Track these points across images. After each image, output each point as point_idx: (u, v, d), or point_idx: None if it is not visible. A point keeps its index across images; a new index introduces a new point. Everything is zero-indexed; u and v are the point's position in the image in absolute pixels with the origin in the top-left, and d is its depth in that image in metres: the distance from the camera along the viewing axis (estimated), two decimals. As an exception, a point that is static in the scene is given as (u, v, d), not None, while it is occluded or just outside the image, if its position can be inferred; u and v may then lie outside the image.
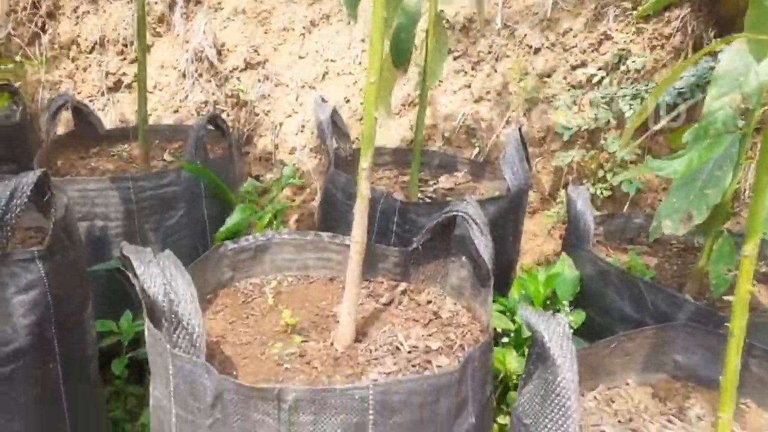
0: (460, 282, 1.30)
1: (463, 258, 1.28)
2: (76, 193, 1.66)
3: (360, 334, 1.17)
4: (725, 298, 1.38)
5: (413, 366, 1.05)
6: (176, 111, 2.97)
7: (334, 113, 1.83)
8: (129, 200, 1.69)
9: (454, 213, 1.22)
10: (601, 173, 2.35)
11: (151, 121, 2.34)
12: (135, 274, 0.88)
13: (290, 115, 2.87)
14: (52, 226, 1.19)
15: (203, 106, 2.84)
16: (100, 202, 1.68)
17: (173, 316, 0.86)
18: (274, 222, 1.83)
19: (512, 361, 1.42)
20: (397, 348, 1.11)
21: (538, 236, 2.53)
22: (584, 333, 1.51)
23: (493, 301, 1.65)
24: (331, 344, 1.14)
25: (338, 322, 1.16)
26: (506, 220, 1.68)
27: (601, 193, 2.33)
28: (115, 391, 1.79)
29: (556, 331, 0.90)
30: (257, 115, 2.88)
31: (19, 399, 1.15)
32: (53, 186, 1.22)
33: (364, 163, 1.04)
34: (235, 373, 1.03)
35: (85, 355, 1.37)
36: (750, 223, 0.89)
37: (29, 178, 1.09)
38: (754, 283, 1.42)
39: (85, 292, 1.38)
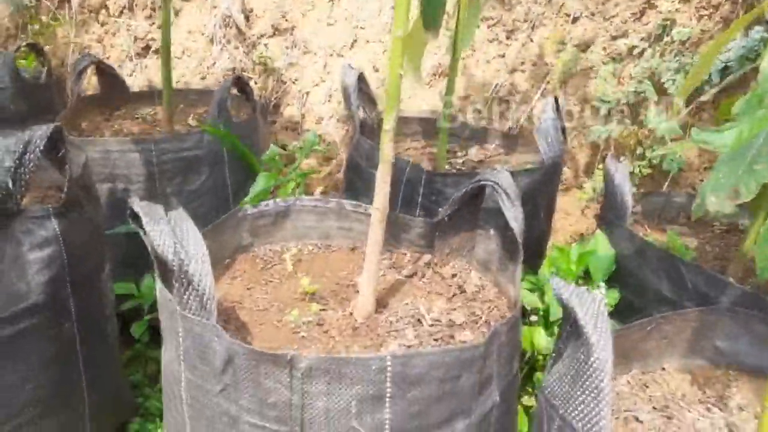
0: (487, 255, 1.24)
1: (492, 230, 1.22)
2: (97, 155, 1.64)
3: (380, 305, 1.12)
4: (773, 282, 1.30)
5: (435, 339, 1.00)
6: (203, 77, 2.93)
7: (361, 78, 1.76)
8: (150, 163, 1.66)
9: (484, 182, 1.15)
10: (640, 150, 2.24)
11: (178, 87, 2.31)
12: (144, 231, 0.84)
13: (318, 84, 2.81)
14: (67, 183, 1.15)
15: (230, 72, 2.79)
16: (121, 163, 1.65)
17: (183, 276, 0.81)
18: (297, 189, 1.78)
19: (540, 340, 1.36)
20: (419, 320, 1.06)
21: (570, 215, 2.44)
22: (618, 314, 1.43)
23: (522, 279, 1.59)
24: (350, 314, 1.09)
25: (358, 292, 1.11)
26: (539, 194, 1.61)
27: (640, 171, 2.23)
28: (135, 355, 1.78)
29: (591, 308, 0.83)
30: (284, 83, 2.83)
31: (32, 358, 1.13)
32: (69, 142, 1.19)
33: (388, 124, 0.97)
34: (249, 338, 0.99)
35: (102, 316, 1.35)
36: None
37: (42, 131, 1.05)
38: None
39: (103, 253, 1.36)
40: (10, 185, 1.03)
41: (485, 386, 0.88)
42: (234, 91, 1.89)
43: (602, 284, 1.38)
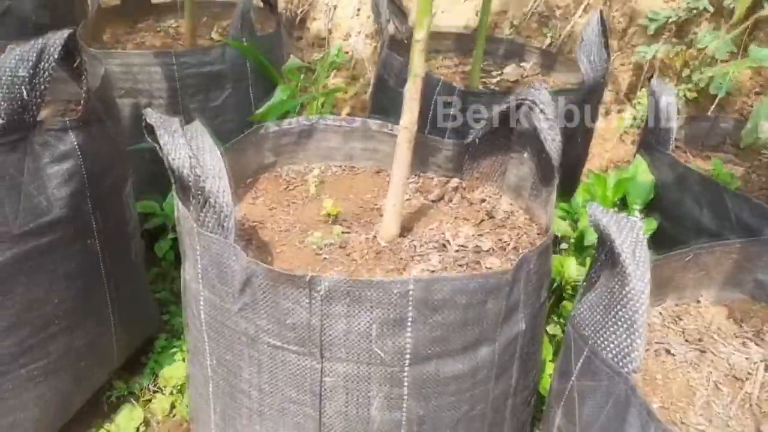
0: (518, 180, 1.18)
1: (525, 154, 1.15)
2: (118, 68, 1.59)
3: (405, 230, 1.08)
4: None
5: (460, 265, 0.96)
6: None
7: (392, -8, 1.65)
8: (172, 77, 1.61)
9: (521, 101, 1.07)
10: (686, 72, 2.11)
11: (200, -3, 2.21)
12: (159, 144, 0.80)
13: (346, -3, 2.68)
14: (84, 94, 1.11)
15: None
16: (142, 78, 1.60)
17: (199, 192, 0.78)
18: (323, 108, 1.72)
19: (571, 270, 1.31)
20: (444, 246, 1.02)
21: (607, 140, 2.34)
22: (654, 244, 1.37)
23: (555, 206, 1.53)
24: (374, 237, 1.05)
25: (382, 216, 1.07)
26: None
27: (685, 95, 2.10)
28: (161, 273, 1.80)
29: (629, 236, 0.78)
30: (312, -3, 2.71)
31: (56, 272, 1.14)
32: (87, 53, 1.14)
33: (419, 34, 0.90)
34: (269, 259, 0.96)
35: (125, 233, 1.34)
36: None
37: (57, 38, 1.00)
38: None
39: (124, 169, 1.34)
40: (26, 95, 0.99)
41: (511, 314, 0.85)
42: (258, 2, 1.80)
43: (638, 213, 1.32)
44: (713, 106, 2.07)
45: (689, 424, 0.87)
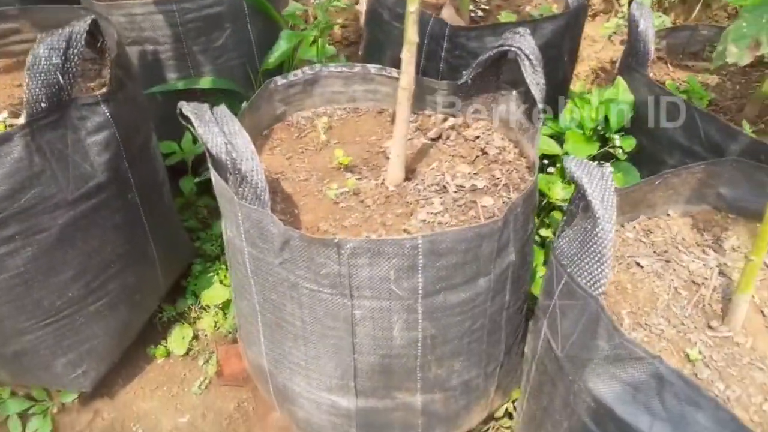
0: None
1: (514, 92, 1.27)
2: (123, 18, 1.65)
3: (409, 171, 1.23)
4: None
5: (459, 206, 1.12)
6: None
7: None
8: (175, 24, 1.67)
9: (506, 47, 1.18)
10: (673, -29, 2.14)
11: None
12: (196, 132, 0.93)
13: None
14: (109, 69, 1.22)
15: None
16: (147, 26, 1.67)
17: (237, 172, 0.92)
18: (319, 41, 1.79)
19: (558, 191, 1.47)
20: (444, 188, 1.17)
21: (597, 42, 2.40)
22: (634, 159, 1.53)
23: (544, 124, 1.66)
24: (383, 183, 1.21)
25: (389, 158, 1.21)
26: (563, 40, 1.61)
27: (671, -5, 2.15)
28: (186, 203, 1.96)
29: (600, 184, 0.93)
30: None
31: (107, 225, 1.30)
32: (104, 27, 1.23)
33: (412, 6, 0.99)
34: (296, 211, 1.12)
35: (157, 181, 1.49)
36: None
37: (81, 26, 1.09)
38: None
39: (148, 124, 1.46)
40: (60, 80, 1.10)
41: (503, 250, 1.02)
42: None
43: (616, 136, 1.45)
44: (698, 5, 2.12)
45: (651, 325, 1.07)
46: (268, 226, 0.95)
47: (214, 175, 1.01)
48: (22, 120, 1.26)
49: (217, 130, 0.92)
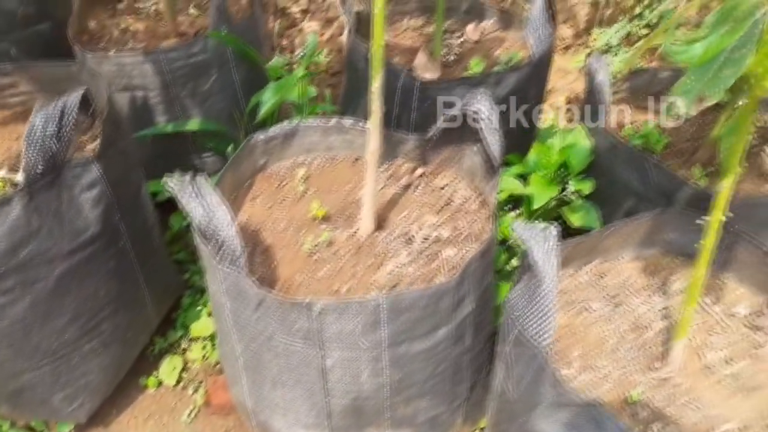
0: (473, 166, 1.41)
1: (475, 147, 1.37)
2: (114, 68, 1.75)
3: (381, 220, 1.33)
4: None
5: (423, 257, 1.23)
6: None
7: (356, -30, 1.77)
8: (163, 72, 1.77)
9: (465, 110, 1.28)
10: (638, 9, 2.24)
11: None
12: (181, 205, 1.03)
13: (315, -61, 2.71)
14: (101, 131, 1.32)
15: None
16: (136, 74, 1.77)
17: (216, 241, 1.02)
18: (301, 85, 1.89)
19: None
20: (411, 238, 1.28)
21: (570, 73, 2.51)
22: (592, 198, 1.63)
23: (511, 164, 1.76)
24: (355, 233, 1.31)
25: (362, 208, 1.30)
26: (529, 85, 1.71)
27: (638, 30, 2.25)
28: (175, 236, 2.05)
29: (544, 247, 1.03)
30: (280, -59, 2.74)
31: (100, 272, 1.40)
32: (95, 83, 1.32)
33: (375, 83, 1.09)
34: (274, 264, 1.22)
35: (147, 226, 1.59)
36: (728, 157, 0.96)
37: (74, 97, 1.19)
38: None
39: (138, 173, 1.56)
40: (55, 147, 1.20)
41: (460, 302, 1.12)
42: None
43: (572, 182, 1.56)
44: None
45: (598, 367, 1.17)
46: (245, 287, 1.04)
47: (197, 240, 1.11)
48: (19, 177, 1.36)
49: (198, 203, 1.02)
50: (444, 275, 1.16)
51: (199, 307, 1.83)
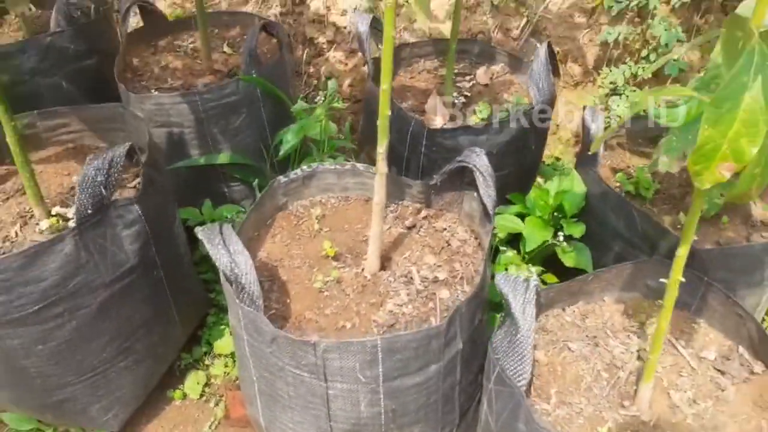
0: (471, 211, 1.55)
1: (475, 193, 1.51)
2: (154, 107, 1.93)
3: (385, 259, 1.48)
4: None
5: (421, 298, 1.37)
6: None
7: (375, 21, 1.93)
8: (198, 110, 1.95)
9: (464, 164, 1.43)
10: (645, 52, 2.35)
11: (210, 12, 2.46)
12: (208, 251, 1.20)
13: (341, -24, 2.87)
14: (141, 176, 1.50)
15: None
16: (173, 112, 1.95)
17: (238, 284, 1.19)
18: (322, 123, 2.05)
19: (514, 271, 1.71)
20: (411, 279, 1.43)
21: (578, 109, 2.62)
22: (586, 240, 1.76)
23: (512, 203, 1.90)
24: (362, 271, 1.46)
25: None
26: (530, 133, 1.84)
27: (643, 73, 2.36)
28: (204, 257, 2.23)
29: (522, 297, 1.17)
30: (309, -23, 2.91)
31: (136, 299, 1.58)
32: (137, 125, 1.50)
33: (380, 149, 1.25)
34: (288, 300, 1.38)
35: (179, 254, 1.76)
36: (684, 231, 1.08)
37: (120, 150, 1.37)
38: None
39: (174, 208, 1.74)
40: (103, 192, 1.38)
41: (450, 343, 1.27)
42: (263, 35, 2.09)
43: (564, 227, 1.69)
44: (668, 83, 2.33)
45: (573, 404, 1.30)
46: (261, 325, 1.21)
47: (222, 279, 1.27)
48: (70, 214, 1.55)
49: (223, 251, 1.19)
50: (437, 317, 1.31)
51: (222, 326, 2.01)
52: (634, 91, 2.37)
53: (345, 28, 2.91)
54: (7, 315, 1.37)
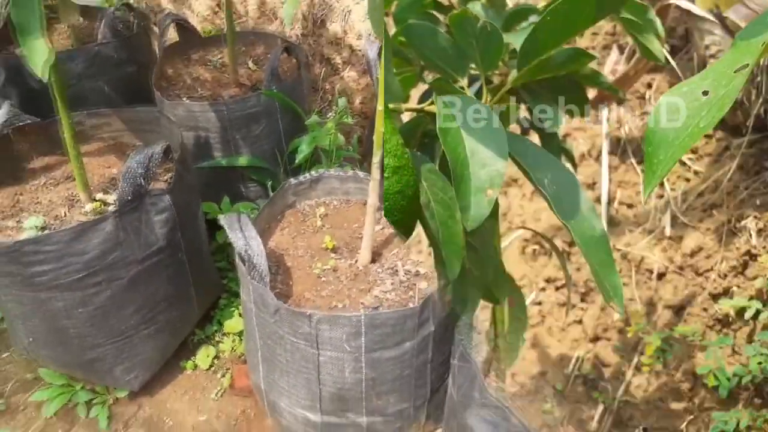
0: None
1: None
2: (185, 113, 2.21)
3: (376, 254, 1.73)
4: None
5: (403, 287, 1.62)
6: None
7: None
8: (223, 118, 2.22)
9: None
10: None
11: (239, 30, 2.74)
12: (228, 235, 1.46)
13: (358, 2, 3.16)
14: (174, 171, 1.77)
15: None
16: (202, 119, 2.23)
17: (250, 263, 1.44)
18: (332, 135, 2.32)
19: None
20: (396, 271, 1.68)
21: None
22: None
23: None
24: (355, 262, 1.71)
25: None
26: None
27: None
28: (220, 246, 2.49)
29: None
30: (329, 2, 3.19)
31: (161, 276, 1.84)
32: (171, 128, 1.77)
33: (375, 158, 1.50)
34: (291, 282, 1.64)
35: (200, 240, 2.03)
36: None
37: (159, 148, 1.64)
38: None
39: (198, 200, 2.00)
40: (142, 183, 1.64)
41: (423, 324, 1.51)
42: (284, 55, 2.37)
43: None
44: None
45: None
46: (267, 298, 1.46)
47: (237, 259, 1.53)
48: (111, 199, 1.81)
49: (240, 235, 1.44)
50: (414, 302, 1.56)
51: (232, 308, 2.26)
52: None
53: (359, 50, 3.19)
54: (56, 280, 1.63)
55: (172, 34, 2.66)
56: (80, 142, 2.04)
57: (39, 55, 1.22)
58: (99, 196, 1.83)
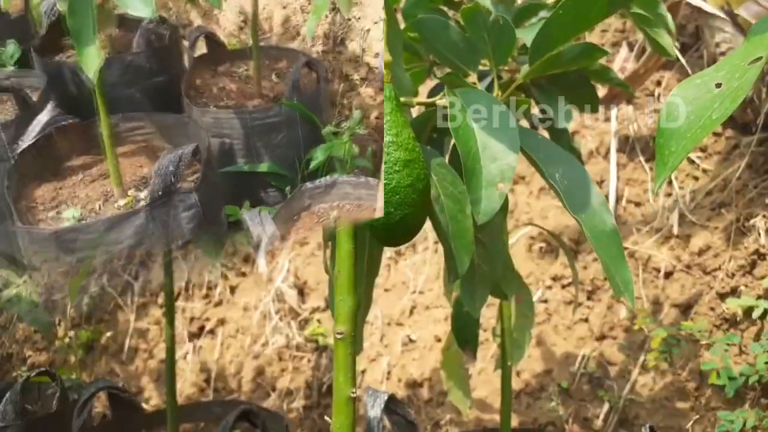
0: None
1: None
2: (211, 120, 2.36)
3: (385, 255, 1.86)
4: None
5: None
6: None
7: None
8: (246, 126, 2.37)
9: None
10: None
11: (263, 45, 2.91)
12: (247, 228, 1.60)
13: (377, 22, 3.32)
14: (201, 172, 1.92)
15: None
16: (226, 126, 2.38)
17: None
18: (346, 145, 2.45)
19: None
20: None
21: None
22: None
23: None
24: (365, 261, 1.84)
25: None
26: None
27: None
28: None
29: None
30: (349, 22, 3.36)
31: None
32: (198, 133, 1.93)
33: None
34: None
35: (222, 238, 2.17)
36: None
37: (188, 150, 1.79)
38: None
39: (220, 200, 2.15)
40: (172, 179, 1.80)
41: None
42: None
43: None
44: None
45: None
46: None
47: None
48: (142, 195, 1.97)
49: (260, 228, 1.59)
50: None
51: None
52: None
53: (377, 68, 3.35)
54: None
55: (200, 47, 2.84)
56: (115, 143, 2.21)
57: (92, 59, 1.38)
58: (131, 192, 1.98)
